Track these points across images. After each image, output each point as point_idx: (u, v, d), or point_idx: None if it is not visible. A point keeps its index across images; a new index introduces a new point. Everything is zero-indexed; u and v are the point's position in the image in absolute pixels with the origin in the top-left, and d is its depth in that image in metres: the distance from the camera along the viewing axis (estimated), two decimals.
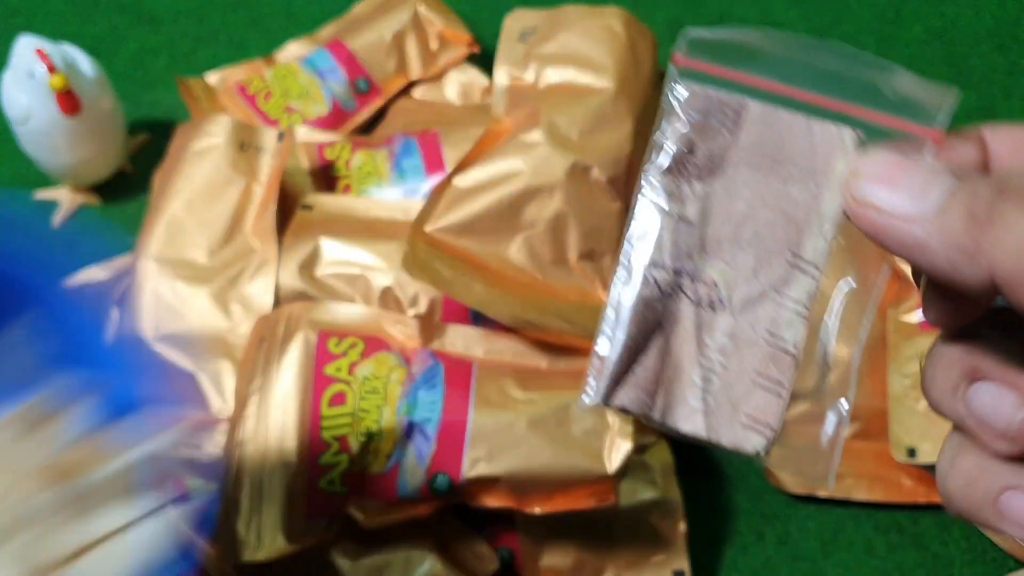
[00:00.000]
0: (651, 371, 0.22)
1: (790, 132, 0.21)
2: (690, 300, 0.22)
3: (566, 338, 0.49)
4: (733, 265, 0.22)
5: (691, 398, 0.22)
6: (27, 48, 0.61)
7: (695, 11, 0.81)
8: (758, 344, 0.21)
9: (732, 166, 0.22)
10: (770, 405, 0.21)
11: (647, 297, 0.22)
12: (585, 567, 0.52)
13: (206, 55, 0.78)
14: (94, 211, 0.69)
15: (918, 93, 0.21)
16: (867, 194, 0.20)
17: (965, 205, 0.19)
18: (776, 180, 0.21)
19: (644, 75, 0.54)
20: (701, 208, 0.22)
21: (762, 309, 0.21)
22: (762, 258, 0.21)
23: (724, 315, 0.22)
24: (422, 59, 0.71)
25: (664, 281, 0.22)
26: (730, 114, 0.22)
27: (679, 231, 0.22)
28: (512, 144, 0.51)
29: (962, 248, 0.19)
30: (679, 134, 0.22)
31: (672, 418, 0.22)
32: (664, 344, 0.22)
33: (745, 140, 0.22)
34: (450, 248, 0.50)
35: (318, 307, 0.51)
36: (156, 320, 0.53)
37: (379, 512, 0.47)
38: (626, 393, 0.22)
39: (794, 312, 0.21)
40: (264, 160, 0.57)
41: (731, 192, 0.22)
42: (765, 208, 0.21)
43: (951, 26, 0.80)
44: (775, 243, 0.21)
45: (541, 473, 0.46)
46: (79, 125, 0.63)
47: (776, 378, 0.21)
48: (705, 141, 0.22)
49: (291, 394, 0.48)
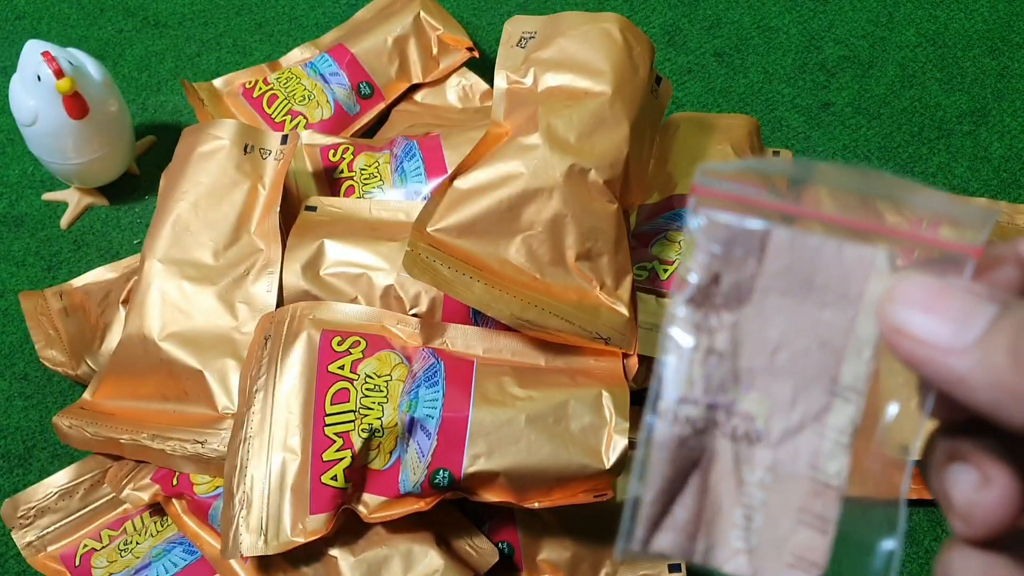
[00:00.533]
0: (690, 512, 0.21)
1: (820, 256, 0.20)
2: (726, 435, 0.21)
3: (564, 337, 0.49)
4: (769, 395, 0.20)
5: (733, 539, 0.21)
6: (34, 52, 0.61)
7: (690, 16, 0.82)
8: (800, 478, 0.20)
9: (761, 293, 0.21)
10: (815, 543, 0.20)
11: (680, 436, 0.21)
12: (583, 561, 0.53)
13: (211, 59, 0.78)
14: (101, 212, 0.70)
15: (954, 211, 0.20)
16: (903, 321, 0.19)
17: (1010, 338, 0.17)
18: (809, 306, 0.20)
19: (641, 79, 0.55)
20: (731, 338, 0.21)
21: (802, 440, 0.20)
22: (800, 387, 0.20)
23: (763, 448, 0.21)
24: (423, 63, 0.72)
25: (697, 417, 0.21)
26: (755, 242, 0.21)
27: (709, 364, 0.21)
28: (511, 147, 0.52)
29: (1007, 386, 0.17)
30: (703, 265, 0.21)
31: (715, 561, 0.21)
32: (702, 483, 0.21)
33: (773, 267, 0.21)
34: (450, 248, 0.50)
35: (321, 306, 0.52)
36: (162, 319, 0.53)
37: (381, 507, 0.48)
38: (665, 537, 0.21)
39: (835, 442, 0.20)
40: (269, 162, 0.58)
41: (762, 320, 0.21)
42: (799, 335, 0.20)
43: (943, 29, 0.81)
44: (812, 370, 0.20)
45: (540, 469, 0.47)
46: (86, 128, 0.63)
47: (820, 514, 0.20)
48: (731, 271, 0.21)
49: (295, 391, 0.49)
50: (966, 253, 0.20)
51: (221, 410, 0.52)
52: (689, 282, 0.21)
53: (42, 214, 0.70)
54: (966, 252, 0.20)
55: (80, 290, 0.63)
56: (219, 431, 0.51)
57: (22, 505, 0.55)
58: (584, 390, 0.48)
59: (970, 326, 0.18)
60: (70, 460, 0.58)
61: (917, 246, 0.20)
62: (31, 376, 0.62)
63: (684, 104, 0.76)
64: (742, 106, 0.76)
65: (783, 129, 0.75)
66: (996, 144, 0.74)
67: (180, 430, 0.52)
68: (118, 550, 0.54)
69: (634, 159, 0.53)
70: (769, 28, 0.81)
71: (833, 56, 0.79)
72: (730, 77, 0.78)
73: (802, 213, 0.20)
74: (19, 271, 0.67)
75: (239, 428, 0.49)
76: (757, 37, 0.81)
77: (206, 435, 0.51)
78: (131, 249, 0.67)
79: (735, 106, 0.76)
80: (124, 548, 0.54)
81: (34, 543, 0.55)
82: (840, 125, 0.75)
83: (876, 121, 0.75)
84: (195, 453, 0.51)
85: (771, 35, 0.81)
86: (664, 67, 0.79)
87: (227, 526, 0.47)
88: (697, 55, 0.79)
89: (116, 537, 0.55)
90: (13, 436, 0.60)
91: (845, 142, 0.74)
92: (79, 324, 0.61)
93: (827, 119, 0.75)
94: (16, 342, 0.63)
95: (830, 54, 0.79)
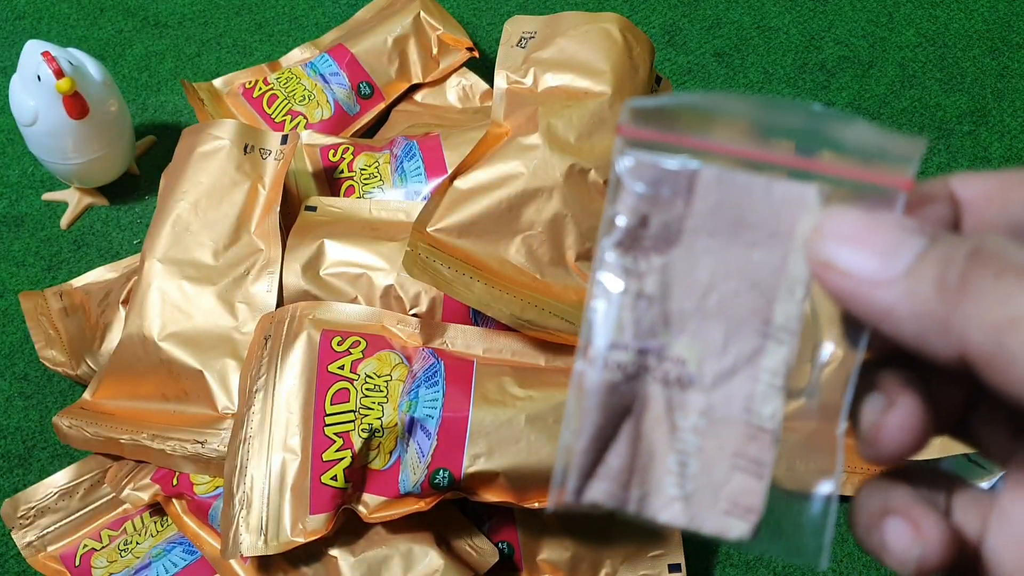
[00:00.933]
0: (623, 460, 0.20)
1: (749, 195, 0.20)
2: (658, 380, 0.20)
3: (564, 337, 0.49)
4: (701, 339, 0.20)
5: (668, 485, 0.20)
6: (34, 52, 0.61)
7: (690, 16, 0.82)
8: (734, 422, 0.20)
9: (690, 235, 0.20)
10: (751, 488, 0.20)
11: (610, 382, 0.20)
12: (583, 561, 0.53)
13: (211, 59, 0.78)
14: (101, 212, 0.70)
15: (883, 143, 0.19)
16: (831, 254, 0.18)
17: (936, 269, 0.17)
18: (738, 246, 0.20)
19: (641, 79, 0.55)
20: (661, 281, 0.20)
21: (736, 384, 0.20)
22: (731, 329, 0.20)
23: (696, 393, 0.20)
24: (423, 63, 0.72)
25: (628, 363, 0.20)
26: (683, 181, 0.20)
27: (639, 308, 0.20)
28: (511, 147, 0.52)
29: (932, 317, 0.17)
30: (630, 207, 0.20)
31: (650, 509, 0.20)
32: (634, 430, 0.20)
33: (701, 207, 0.20)
34: (450, 248, 0.50)
35: (321, 306, 0.52)
36: (162, 319, 0.53)
37: (381, 507, 0.48)
38: (599, 486, 0.20)
39: (769, 384, 0.20)
40: (269, 162, 0.58)
41: (691, 262, 0.20)
42: (729, 276, 0.20)
43: (943, 30, 0.81)
44: (744, 312, 0.20)
45: (540, 469, 0.47)
46: (86, 128, 0.63)
47: (756, 458, 0.20)
48: (658, 212, 0.20)
49: (295, 391, 0.49)
50: (896, 187, 0.19)
51: (221, 410, 0.52)
52: (617, 225, 0.20)
53: (42, 214, 0.70)
54: (896, 185, 0.19)
55: (80, 290, 0.63)
56: (219, 431, 0.51)
57: (22, 505, 0.55)
58: None
59: (898, 258, 0.18)
60: (70, 460, 0.58)
61: (847, 181, 0.20)
62: (31, 376, 0.62)
63: None
64: None
65: None
66: (996, 144, 0.74)
67: (180, 430, 0.52)
68: (118, 550, 0.54)
69: None
70: (769, 28, 0.81)
71: (833, 56, 0.79)
72: (730, 77, 0.78)
73: (727, 151, 0.20)
74: (19, 271, 0.67)
75: (239, 428, 0.49)
76: (757, 37, 0.81)
77: (206, 435, 0.51)
78: (131, 249, 0.67)
79: None
80: (124, 548, 0.54)
81: (34, 543, 0.55)
82: None
83: (876, 121, 0.75)
84: (195, 453, 0.51)
85: (771, 35, 0.81)
86: (664, 67, 0.79)
87: (227, 526, 0.47)
88: (697, 55, 0.79)
89: (116, 537, 0.55)
90: (13, 436, 0.60)
91: None
92: (79, 324, 0.61)
93: None
94: (16, 342, 0.63)
95: (830, 54, 0.79)
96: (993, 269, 0.17)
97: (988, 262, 0.17)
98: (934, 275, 0.17)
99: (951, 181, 0.20)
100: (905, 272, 0.18)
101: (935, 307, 0.17)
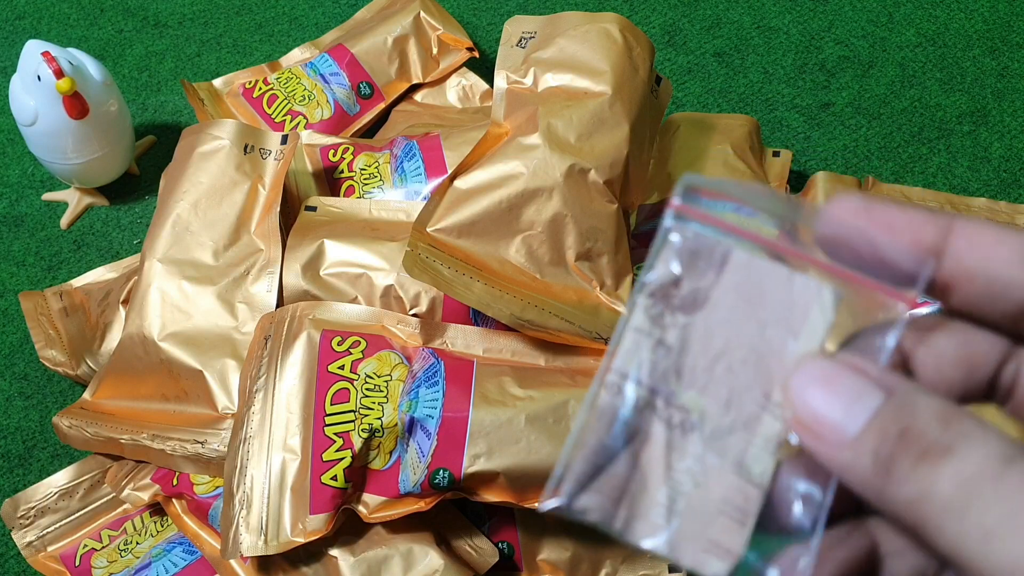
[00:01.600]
0: (617, 480, 0.22)
1: (771, 281, 0.22)
2: (663, 420, 0.22)
3: (564, 337, 0.49)
4: (706, 396, 0.22)
5: (654, 515, 0.22)
6: (34, 52, 0.62)
7: (690, 16, 0.82)
8: (726, 473, 0.22)
9: (713, 304, 0.22)
10: (733, 532, 0.21)
11: (620, 410, 0.22)
12: (583, 561, 0.53)
13: (211, 59, 0.78)
14: (101, 212, 0.70)
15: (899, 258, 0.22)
16: (806, 397, 0.20)
17: (875, 442, 0.19)
18: (753, 323, 0.22)
19: (640, 79, 0.55)
20: (681, 337, 0.22)
21: (732, 441, 0.22)
22: (734, 395, 0.22)
23: (695, 440, 0.22)
24: (423, 63, 0.72)
25: (639, 397, 0.22)
26: (717, 258, 0.23)
27: (658, 353, 0.22)
28: (511, 147, 0.52)
29: (871, 487, 0.19)
30: (668, 267, 0.23)
31: (634, 533, 0.22)
32: (633, 457, 0.22)
33: (728, 282, 0.22)
34: (450, 248, 0.50)
35: (321, 306, 0.52)
36: (162, 319, 0.53)
37: (381, 507, 0.48)
38: (590, 498, 0.22)
39: (762, 448, 0.22)
40: (269, 162, 0.58)
41: (710, 328, 0.22)
42: (740, 348, 0.22)
43: (943, 30, 0.81)
44: (748, 382, 0.22)
45: (540, 469, 0.47)
46: (86, 128, 0.63)
47: (742, 507, 0.22)
48: (691, 278, 0.23)
49: (295, 391, 0.49)
50: (899, 300, 0.22)
51: (221, 410, 0.52)
52: (653, 278, 0.23)
53: (42, 214, 0.70)
54: (900, 299, 0.22)
55: (80, 290, 0.63)
56: (219, 431, 0.51)
57: (22, 505, 0.55)
58: (584, 390, 0.48)
59: (853, 417, 0.20)
60: (70, 460, 0.58)
61: (862, 288, 0.22)
62: (31, 376, 0.62)
63: (684, 104, 0.76)
64: (742, 106, 0.76)
65: (783, 129, 0.75)
66: (996, 144, 0.74)
67: (180, 430, 0.52)
68: (118, 550, 0.54)
69: (634, 159, 0.53)
70: (769, 28, 0.81)
71: (833, 56, 0.79)
72: (730, 77, 0.78)
73: (761, 240, 0.22)
74: (19, 271, 0.67)
75: (239, 428, 0.49)
76: (757, 37, 0.81)
77: (206, 435, 0.51)
78: (131, 249, 0.67)
79: (735, 106, 0.76)
80: (124, 548, 0.54)
81: (34, 543, 0.55)
82: (840, 125, 0.75)
83: (876, 121, 0.75)
84: (195, 453, 0.51)
85: (771, 35, 0.81)
86: (664, 67, 0.79)
87: (227, 526, 0.47)
88: (697, 55, 0.79)
89: (116, 537, 0.55)
90: (13, 436, 0.60)
91: (845, 142, 0.74)
92: (79, 324, 0.61)
93: (827, 119, 0.75)
94: (16, 342, 0.63)
95: (830, 54, 0.79)
96: (914, 454, 0.19)
97: (911, 445, 0.19)
98: (872, 448, 0.19)
99: (951, 233, 0.21)
100: (855, 437, 0.19)
101: (872, 479, 0.19)
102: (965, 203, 0.69)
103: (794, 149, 0.73)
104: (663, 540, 0.22)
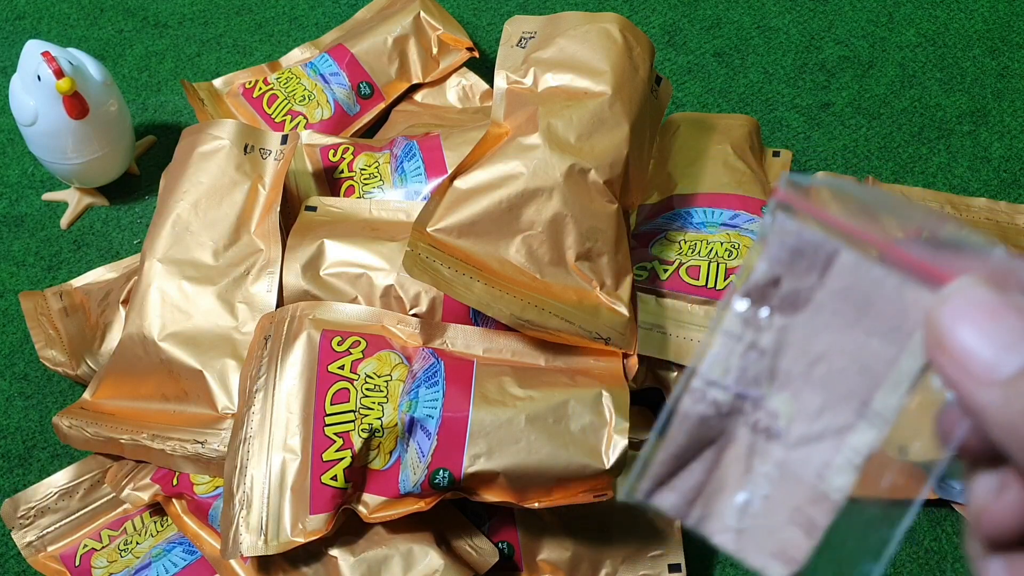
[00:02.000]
0: (695, 481, 0.22)
1: (880, 287, 0.21)
2: (748, 424, 0.22)
3: (564, 337, 0.49)
4: (799, 401, 0.22)
5: (728, 516, 0.22)
6: (34, 52, 0.61)
7: (690, 16, 0.82)
8: (804, 482, 0.21)
9: (816, 306, 0.22)
10: (800, 542, 0.21)
11: (703, 414, 0.22)
12: (583, 561, 0.53)
13: (211, 59, 0.78)
14: (101, 212, 0.70)
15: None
16: (949, 336, 0.19)
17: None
18: (858, 331, 0.21)
19: (640, 79, 0.55)
20: (777, 339, 0.22)
21: (818, 449, 0.21)
22: (829, 401, 0.21)
23: (778, 446, 0.22)
24: (423, 63, 0.72)
25: (723, 402, 0.22)
26: (821, 257, 0.22)
27: (749, 358, 0.22)
28: (511, 147, 0.52)
29: (1017, 434, 0.18)
30: (768, 266, 0.22)
31: (706, 529, 0.22)
32: (713, 459, 0.22)
33: (832, 285, 0.22)
34: (450, 248, 0.50)
35: (321, 306, 0.52)
36: (162, 319, 0.53)
37: (381, 507, 0.48)
38: (666, 496, 0.22)
39: (848, 460, 0.21)
40: (269, 162, 0.58)
41: (810, 332, 0.22)
42: (842, 354, 0.21)
43: (943, 30, 0.81)
44: (846, 389, 0.21)
45: (540, 469, 0.47)
46: (86, 128, 0.63)
47: (812, 518, 0.21)
48: (792, 278, 0.22)
49: (295, 391, 0.49)
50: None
51: (221, 410, 0.52)
52: (752, 278, 0.22)
53: (42, 214, 0.70)
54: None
55: (80, 290, 0.63)
56: (219, 431, 0.51)
57: (22, 505, 0.55)
58: (584, 390, 0.48)
59: (1011, 356, 0.18)
60: (70, 460, 0.58)
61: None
62: (31, 376, 0.62)
63: (684, 104, 0.76)
64: (742, 106, 0.76)
65: (783, 129, 0.75)
66: (996, 144, 0.74)
67: (180, 430, 0.52)
68: (118, 550, 0.54)
69: (634, 159, 0.53)
70: (769, 28, 0.81)
71: (833, 56, 0.79)
72: (730, 77, 0.78)
73: (871, 240, 0.21)
74: (19, 271, 0.67)
75: (239, 428, 0.49)
76: (757, 37, 0.81)
77: (206, 435, 0.51)
78: (131, 249, 0.67)
79: (735, 106, 0.76)
80: (124, 548, 0.54)
81: (34, 543, 0.55)
82: (840, 125, 0.75)
83: (876, 121, 0.75)
84: (195, 453, 0.51)
85: (771, 35, 0.81)
86: (664, 67, 0.79)
87: (227, 526, 0.47)
88: (697, 55, 0.79)
89: (116, 537, 0.55)
90: (13, 436, 0.60)
91: (845, 142, 0.74)
92: (79, 324, 0.61)
93: (827, 119, 0.75)
94: (16, 342, 0.63)
95: (830, 54, 0.79)
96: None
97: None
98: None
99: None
100: (1009, 377, 0.18)
101: (1021, 422, 0.17)
102: (965, 203, 0.69)
103: (794, 149, 0.73)
104: (731, 540, 0.22)
